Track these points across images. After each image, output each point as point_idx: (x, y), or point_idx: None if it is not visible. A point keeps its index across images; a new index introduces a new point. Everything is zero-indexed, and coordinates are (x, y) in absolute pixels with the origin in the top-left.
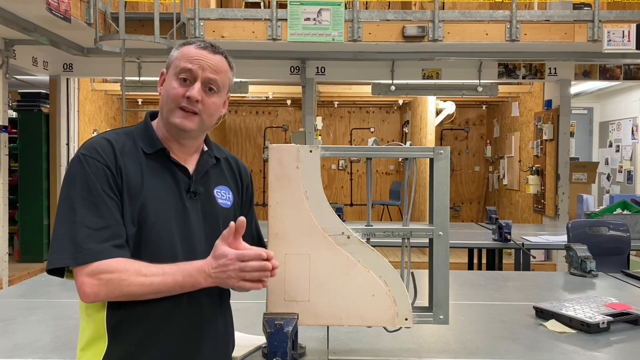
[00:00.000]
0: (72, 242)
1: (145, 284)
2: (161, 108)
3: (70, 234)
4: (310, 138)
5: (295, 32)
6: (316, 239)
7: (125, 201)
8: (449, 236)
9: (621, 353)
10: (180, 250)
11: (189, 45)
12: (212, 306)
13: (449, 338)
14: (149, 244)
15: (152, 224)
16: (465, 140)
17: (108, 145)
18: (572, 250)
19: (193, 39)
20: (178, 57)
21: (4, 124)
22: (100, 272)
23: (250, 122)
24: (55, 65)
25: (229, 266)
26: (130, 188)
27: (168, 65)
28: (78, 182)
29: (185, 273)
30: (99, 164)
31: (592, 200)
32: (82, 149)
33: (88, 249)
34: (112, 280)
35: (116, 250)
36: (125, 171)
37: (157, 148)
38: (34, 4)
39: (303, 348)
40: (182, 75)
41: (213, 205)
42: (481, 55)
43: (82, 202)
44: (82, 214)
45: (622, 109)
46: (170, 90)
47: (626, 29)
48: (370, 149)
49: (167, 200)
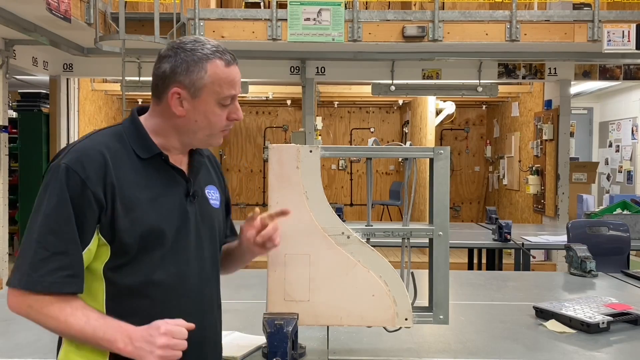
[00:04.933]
0: (27, 263)
1: (61, 328)
2: (191, 131)
3: (29, 253)
4: (310, 138)
5: (295, 32)
6: (316, 239)
7: (119, 215)
8: (449, 236)
9: (621, 353)
10: (193, 255)
11: (220, 63)
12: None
13: (449, 338)
14: (149, 255)
15: (157, 233)
16: (465, 140)
17: (99, 158)
18: (572, 250)
19: (209, 49)
20: (215, 82)
21: (4, 124)
22: (34, 306)
23: (250, 122)
24: (55, 65)
25: (156, 341)
26: (125, 200)
27: (196, 87)
28: (50, 195)
29: (107, 330)
30: (78, 181)
31: (592, 200)
32: (68, 158)
33: (38, 276)
34: (37, 313)
35: (68, 281)
36: (119, 185)
37: (153, 153)
38: (34, 4)
39: (303, 348)
40: (226, 102)
41: (207, 207)
42: (481, 55)
43: (47, 219)
44: (43, 232)
45: (622, 109)
46: (213, 118)
47: (626, 29)
48: (370, 149)
49: (169, 206)
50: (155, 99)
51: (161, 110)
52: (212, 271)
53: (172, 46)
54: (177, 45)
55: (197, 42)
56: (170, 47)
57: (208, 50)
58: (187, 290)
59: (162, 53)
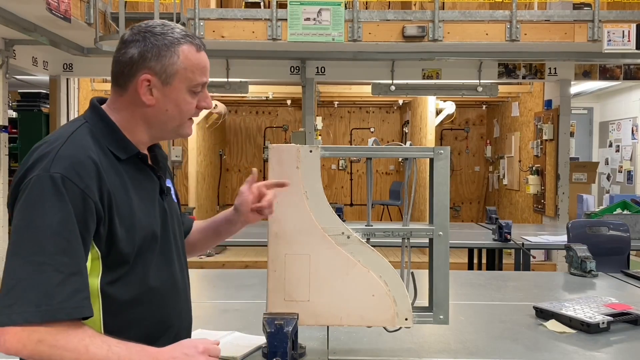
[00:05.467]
0: (38, 291)
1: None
2: (161, 122)
3: (37, 278)
4: (310, 138)
5: (295, 32)
6: (316, 239)
7: (116, 226)
8: (449, 236)
9: (621, 353)
10: (175, 254)
11: (191, 48)
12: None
13: (449, 338)
14: (144, 262)
15: (152, 237)
16: (465, 140)
17: (92, 165)
18: (572, 250)
19: (179, 33)
20: (187, 67)
21: (4, 124)
22: (46, 340)
23: (250, 122)
24: (55, 65)
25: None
26: (120, 208)
27: (167, 73)
28: (49, 209)
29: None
30: (77, 192)
31: (592, 200)
32: (60, 167)
33: (58, 303)
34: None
35: (87, 304)
36: (113, 192)
37: (132, 153)
38: (34, 4)
39: (303, 348)
40: (197, 89)
41: (173, 202)
42: (481, 55)
43: (56, 237)
44: (53, 252)
45: (622, 109)
46: (184, 106)
47: (626, 29)
48: (370, 149)
49: (153, 207)
50: (118, 89)
51: (126, 101)
52: (186, 265)
53: (138, 30)
54: (145, 29)
55: (166, 26)
56: (137, 30)
57: (178, 35)
58: (178, 290)
59: (127, 37)
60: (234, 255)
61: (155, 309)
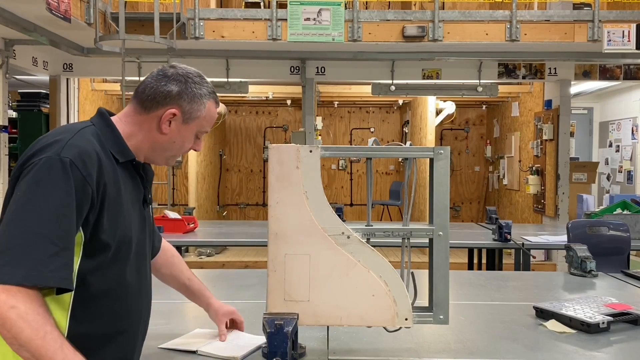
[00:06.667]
0: (34, 258)
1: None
2: (163, 149)
3: (34, 246)
4: (310, 138)
5: (295, 32)
6: (316, 239)
7: (104, 217)
8: (449, 236)
9: (621, 353)
10: (148, 257)
11: (214, 105)
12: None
13: (449, 338)
14: (122, 258)
15: (127, 237)
16: (465, 140)
17: (95, 157)
18: (572, 250)
19: (208, 88)
20: (205, 117)
21: (4, 124)
22: (18, 308)
23: (250, 122)
24: (55, 65)
25: None
26: (110, 202)
27: (191, 116)
28: (55, 187)
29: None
30: (80, 176)
31: (592, 200)
32: (69, 153)
33: (49, 271)
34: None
35: (72, 279)
36: (108, 187)
37: (128, 158)
38: (34, 4)
39: (303, 348)
40: (200, 135)
41: (150, 212)
42: (481, 55)
43: (54, 213)
44: (52, 227)
45: (622, 109)
46: (187, 144)
47: (626, 29)
48: (370, 149)
49: (135, 213)
50: (141, 108)
51: (143, 120)
52: (150, 272)
53: (180, 72)
54: (185, 73)
55: (202, 78)
56: (178, 72)
57: (209, 90)
58: (147, 289)
59: (171, 74)
60: (234, 255)
61: (123, 305)
